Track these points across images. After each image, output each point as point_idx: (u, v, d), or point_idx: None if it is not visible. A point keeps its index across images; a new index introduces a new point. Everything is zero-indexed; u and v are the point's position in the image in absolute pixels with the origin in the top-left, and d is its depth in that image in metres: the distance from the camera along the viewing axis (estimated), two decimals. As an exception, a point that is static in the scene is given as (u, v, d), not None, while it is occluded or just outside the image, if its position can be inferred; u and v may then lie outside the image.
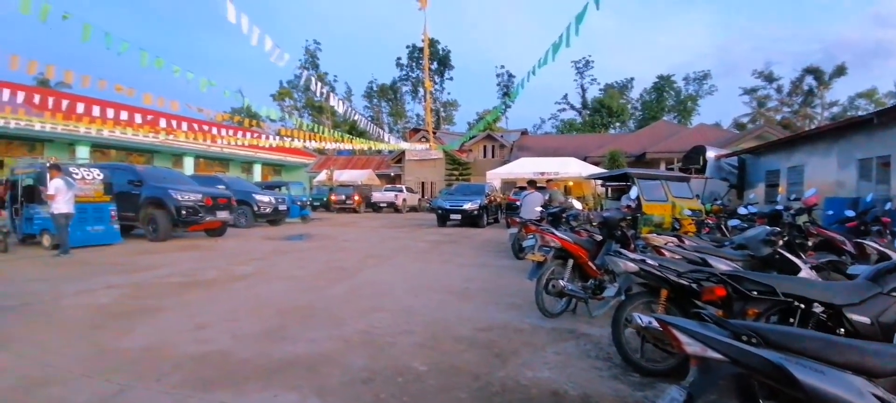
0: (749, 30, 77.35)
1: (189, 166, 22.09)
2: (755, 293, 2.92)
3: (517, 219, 8.52)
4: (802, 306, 2.83)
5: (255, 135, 19.82)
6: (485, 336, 4.12)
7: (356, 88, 67.18)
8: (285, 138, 19.56)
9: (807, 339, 1.83)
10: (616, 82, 55.50)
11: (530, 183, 9.70)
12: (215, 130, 19.17)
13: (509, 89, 54.29)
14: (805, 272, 3.77)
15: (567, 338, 4.07)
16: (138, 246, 9.72)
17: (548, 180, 11.30)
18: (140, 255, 8.50)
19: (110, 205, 9.78)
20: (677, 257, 4.20)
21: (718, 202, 11.11)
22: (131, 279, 6.36)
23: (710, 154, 15.73)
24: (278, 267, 7.50)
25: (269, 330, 4.20)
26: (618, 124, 51.47)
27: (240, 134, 19.44)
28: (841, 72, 44.30)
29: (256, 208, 14.70)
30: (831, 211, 9.05)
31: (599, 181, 14.09)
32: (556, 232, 4.89)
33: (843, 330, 2.71)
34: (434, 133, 31.35)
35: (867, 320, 2.64)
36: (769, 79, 48.29)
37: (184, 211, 10.48)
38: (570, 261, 4.74)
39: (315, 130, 17.88)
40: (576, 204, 7.22)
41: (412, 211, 27.57)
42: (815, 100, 46.44)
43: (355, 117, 17.82)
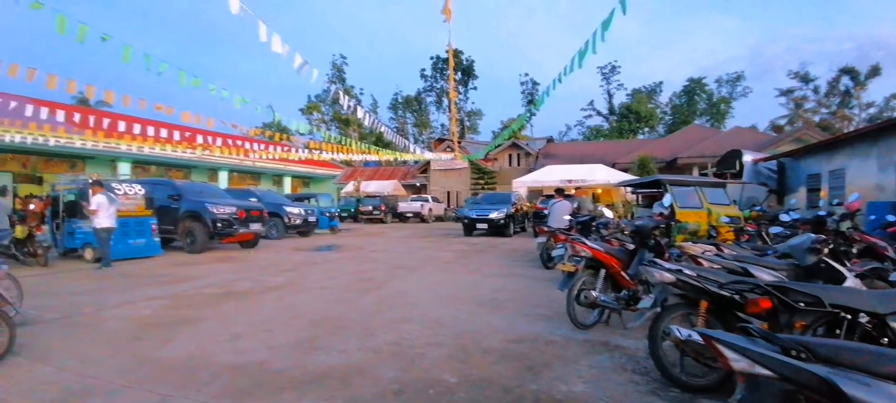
0: (781, 30, 74.68)
1: (223, 180, 22.88)
2: (802, 304, 2.80)
3: (545, 228, 8.40)
4: (849, 317, 2.72)
5: (286, 148, 20.37)
6: (515, 347, 4.06)
7: (381, 100, 68.39)
8: (314, 151, 20.03)
9: (855, 352, 1.76)
10: (644, 87, 54.46)
11: (558, 191, 9.57)
12: (248, 145, 19.84)
13: (534, 97, 54.00)
14: (851, 281, 3.60)
15: (601, 351, 3.96)
16: (177, 258, 10.09)
17: (576, 188, 11.12)
18: (179, 267, 8.81)
19: (151, 219, 10.20)
20: (716, 267, 4.05)
21: (758, 208, 10.66)
22: (171, 290, 6.60)
23: (747, 158, 15.14)
24: (309, 278, 7.64)
25: (302, 340, 4.27)
26: (646, 129, 50.37)
27: (271, 148, 20.04)
28: (875, 72, 42.43)
29: (287, 220, 15.05)
30: (874, 216, 8.56)
31: (629, 188, 13.76)
32: (586, 242, 4.79)
33: (886, 340, 2.63)
34: (459, 142, 31.44)
35: None
36: (805, 79, 46.42)
37: (219, 224, 10.85)
38: (602, 271, 4.63)
39: (342, 143, 18.24)
40: (606, 212, 7.06)
41: (438, 221, 27.66)
42: (852, 101, 44.33)
43: (381, 129, 18.08)
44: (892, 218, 6.98)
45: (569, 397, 3.07)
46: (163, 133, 12.94)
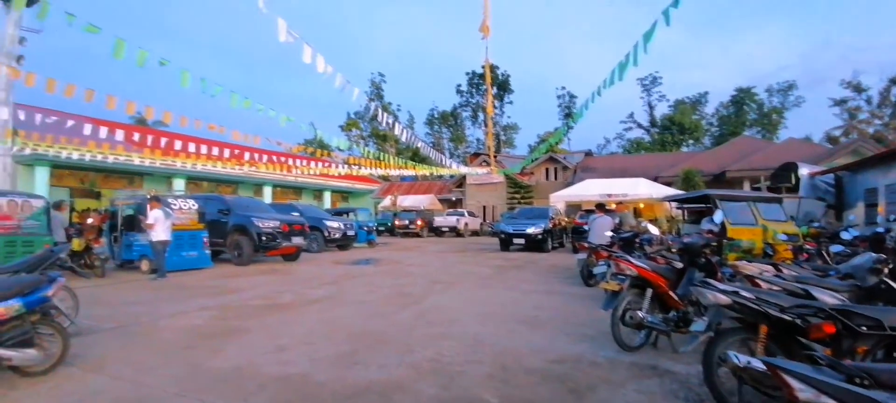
0: (832, 38, 70.40)
1: (268, 195, 23.79)
2: (864, 328, 2.70)
3: (586, 244, 8.20)
4: None
5: (326, 164, 21.01)
6: (558, 368, 3.95)
7: (418, 116, 69.44)
8: (353, 166, 20.55)
9: None
10: (687, 97, 52.55)
11: (599, 206, 9.33)
12: (291, 161, 20.60)
13: (571, 110, 53.27)
14: None
15: (649, 375, 3.78)
16: (226, 270, 10.54)
17: (617, 202, 10.81)
18: (227, 278, 9.20)
19: (203, 233, 10.74)
20: (776, 288, 3.83)
21: (816, 224, 9.98)
22: (220, 301, 6.88)
23: (804, 171, 14.26)
24: (348, 292, 7.77)
25: (343, 354, 4.33)
26: (691, 141, 48.47)
27: (312, 163, 20.72)
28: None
29: (327, 233, 15.45)
30: None
31: (674, 203, 13.23)
32: (631, 259, 4.63)
33: None
34: (495, 157, 31.38)
35: None
36: (858, 89, 43.35)
37: (264, 238, 11.28)
38: (649, 291, 4.44)
39: (380, 158, 18.60)
40: (651, 228, 6.80)
41: (474, 235, 27.56)
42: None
43: (418, 144, 18.33)
44: None
45: (616, 423, 2.94)
46: (214, 151, 13.65)
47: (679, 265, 4.80)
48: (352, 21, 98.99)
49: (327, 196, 28.62)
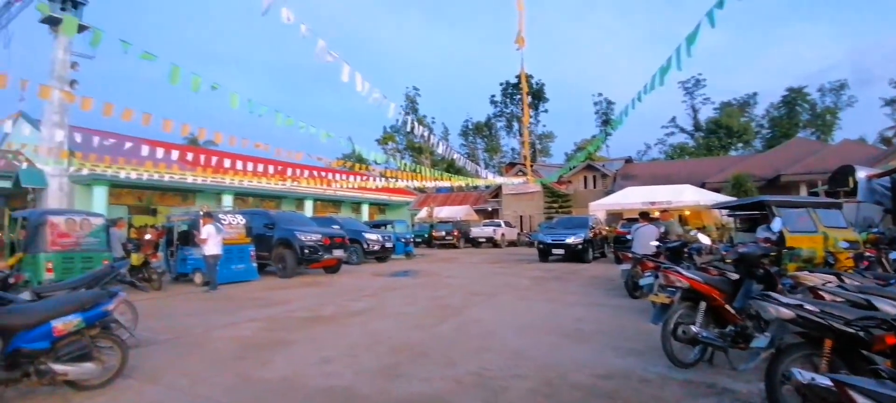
0: (880, 35, 65.55)
1: (309, 208, 24.55)
2: None
3: (630, 255, 7.91)
4: None
5: (364, 177, 21.47)
6: (606, 384, 3.81)
7: (452, 127, 69.78)
8: (390, 179, 20.89)
9: None
10: (734, 99, 50.18)
11: (642, 215, 9.01)
12: (330, 175, 21.21)
13: (608, 117, 52.05)
14: None
15: (706, 393, 3.58)
16: (271, 282, 10.91)
17: (661, 210, 10.40)
18: (272, 291, 9.51)
19: (250, 247, 11.19)
20: (839, 299, 3.57)
21: (874, 230, 9.24)
22: (267, 313, 7.12)
23: (861, 174, 13.22)
24: (388, 304, 7.85)
25: (386, 366, 4.36)
26: (740, 145, 46.17)
27: (350, 177, 21.27)
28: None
29: (366, 246, 15.72)
30: None
31: (724, 210, 12.58)
32: (681, 271, 4.41)
33: None
34: (531, 166, 31.04)
35: None
36: None
37: (307, 251, 11.62)
38: (702, 304, 4.22)
39: (415, 170, 18.81)
40: (702, 238, 6.47)
41: (511, 246, 27.24)
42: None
43: (454, 156, 18.42)
44: None
45: (672, 444, 2.79)
46: (259, 167, 14.28)
47: (734, 276, 4.53)
48: (386, 37, 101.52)
49: (365, 208, 29.17)
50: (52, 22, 14.60)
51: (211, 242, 9.49)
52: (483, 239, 26.45)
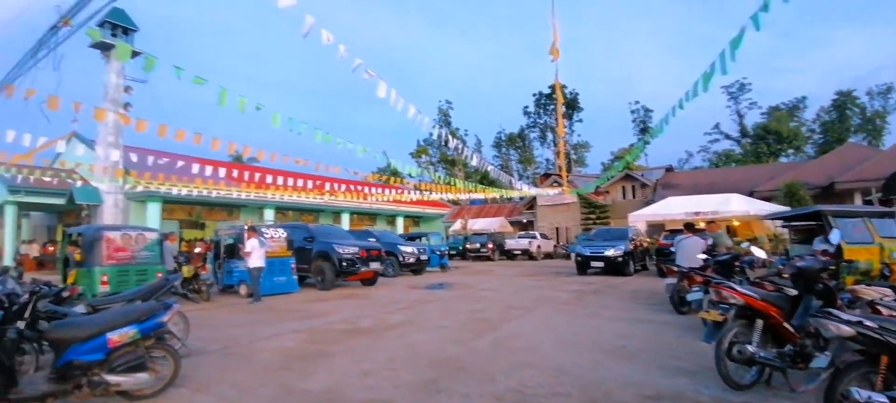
0: None
1: (345, 221, 25.12)
2: None
3: (675, 268, 7.59)
4: None
5: (399, 190, 21.78)
6: (654, 405, 3.64)
7: (485, 139, 69.78)
8: (424, 192, 21.07)
9: None
10: (783, 103, 47.72)
11: (687, 226, 8.63)
12: (366, 189, 21.63)
13: (646, 124, 50.60)
14: None
15: (765, 418, 3.36)
16: (310, 294, 11.17)
17: (708, 221, 9.94)
18: (312, 303, 9.73)
19: (291, 259, 11.53)
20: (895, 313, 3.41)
21: None
22: (308, 325, 7.28)
23: None
24: (425, 317, 7.85)
25: (425, 381, 4.34)
26: (790, 151, 43.80)
27: (385, 190, 21.61)
28: None
29: (401, 258, 15.85)
30: None
31: (778, 221, 11.90)
32: (735, 287, 4.18)
33: None
34: (566, 176, 30.52)
35: None
36: None
37: (345, 263, 11.84)
38: (759, 322, 3.97)
39: (449, 183, 18.88)
40: (757, 251, 6.11)
41: (547, 258, 26.74)
42: None
43: (488, 168, 18.38)
44: None
45: (730, 472, 2.63)
46: (299, 182, 14.76)
47: (792, 292, 4.26)
48: (419, 53, 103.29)
49: (400, 221, 29.52)
50: (104, 47, 15.71)
51: (255, 255, 9.83)
52: (518, 252, 26.10)
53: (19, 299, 3.81)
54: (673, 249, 9.53)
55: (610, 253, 14.61)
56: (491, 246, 25.97)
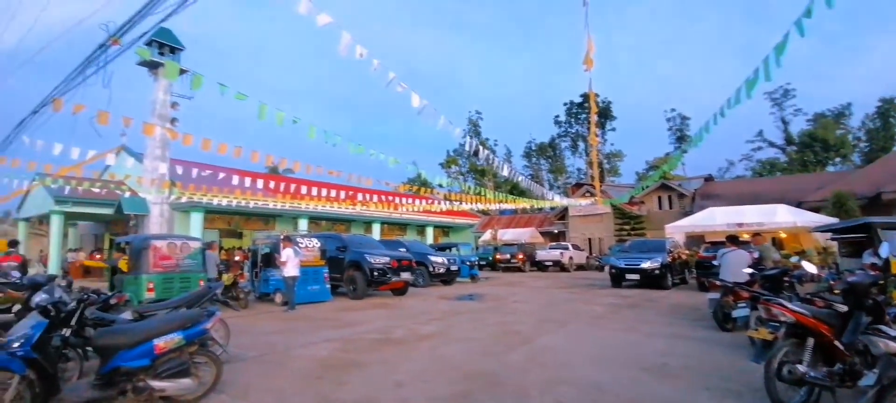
0: None
1: (376, 232, 25.41)
2: None
3: (718, 282, 7.27)
4: None
5: (429, 201, 21.89)
6: (700, 428, 3.47)
7: (515, 149, 69.36)
8: (454, 202, 21.12)
9: None
10: (828, 110, 45.32)
11: (730, 238, 8.26)
12: (397, 199, 21.86)
13: (683, 133, 49.06)
14: None
15: (823, 445, 3.14)
16: (343, 303, 11.33)
17: (753, 233, 9.49)
18: (344, 312, 9.87)
19: (324, 269, 11.76)
20: None
21: None
22: (341, 333, 7.38)
23: None
24: (456, 328, 7.81)
25: (458, 394, 4.31)
26: (837, 160, 41.50)
27: (415, 200, 21.80)
28: None
29: (432, 269, 15.86)
30: None
31: (827, 233, 11.23)
32: (786, 303, 3.96)
33: None
34: (599, 186, 29.90)
35: None
36: None
37: (376, 273, 11.97)
38: (810, 340, 3.75)
39: (479, 193, 18.83)
40: (807, 265, 5.78)
41: (579, 270, 26.17)
42: None
43: (518, 178, 18.24)
44: None
45: None
46: (332, 193, 15.10)
47: (842, 308, 4.00)
48: (450, 65, 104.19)
49: (430, 231, 29.61)
50: (151, 65, 16.62)
51: (290, 264, 10.08)
52: (549, 263, 25.66)
53: (66, 307, 3.92)
54: (716, 262, 9.14)
55: (646, 265, 14.14)
56: (521, 256, 25.68)
